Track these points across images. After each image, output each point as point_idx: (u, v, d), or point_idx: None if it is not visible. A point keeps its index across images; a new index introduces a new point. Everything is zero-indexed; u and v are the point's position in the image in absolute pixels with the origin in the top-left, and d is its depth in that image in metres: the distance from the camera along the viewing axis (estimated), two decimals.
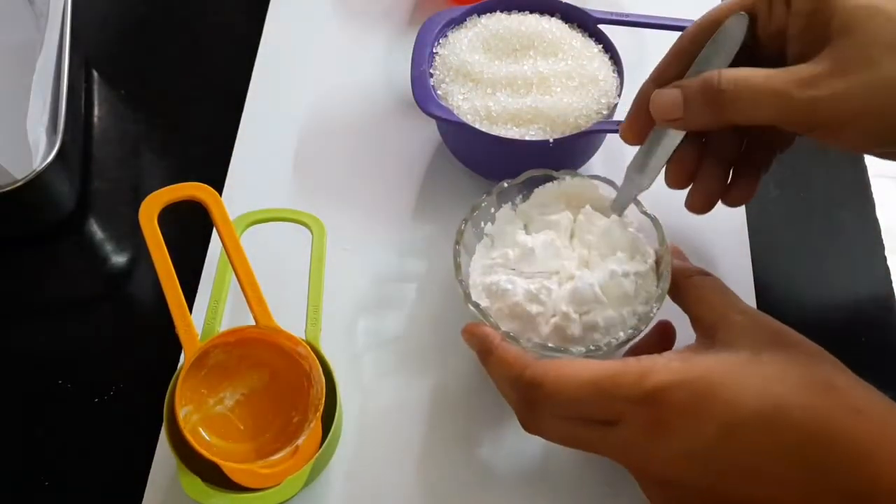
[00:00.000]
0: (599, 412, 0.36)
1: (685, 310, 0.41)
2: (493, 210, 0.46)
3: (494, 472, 0.44)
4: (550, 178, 0.46)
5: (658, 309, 0.42)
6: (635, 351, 0.44)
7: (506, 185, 0.46)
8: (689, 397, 0.34)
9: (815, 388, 0.34)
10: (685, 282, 0.42)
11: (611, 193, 0.46)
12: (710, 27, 0.41)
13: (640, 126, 0.44)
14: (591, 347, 0.41)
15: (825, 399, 0.34)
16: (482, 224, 0.46)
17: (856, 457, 0.33)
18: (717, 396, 0.34)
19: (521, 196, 0.47)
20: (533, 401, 0.37)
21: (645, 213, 0.45)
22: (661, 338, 0.44)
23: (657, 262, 0.44)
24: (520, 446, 0.45)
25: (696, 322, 0.40)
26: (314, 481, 0.43)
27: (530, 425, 0.39)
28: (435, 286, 0.49)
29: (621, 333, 0.42)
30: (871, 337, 0.49)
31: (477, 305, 0.42)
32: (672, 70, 0.43)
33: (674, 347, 0.44)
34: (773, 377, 0.35)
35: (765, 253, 0.51)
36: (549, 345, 0.41)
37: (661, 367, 0.36)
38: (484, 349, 0.40)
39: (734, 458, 0.34)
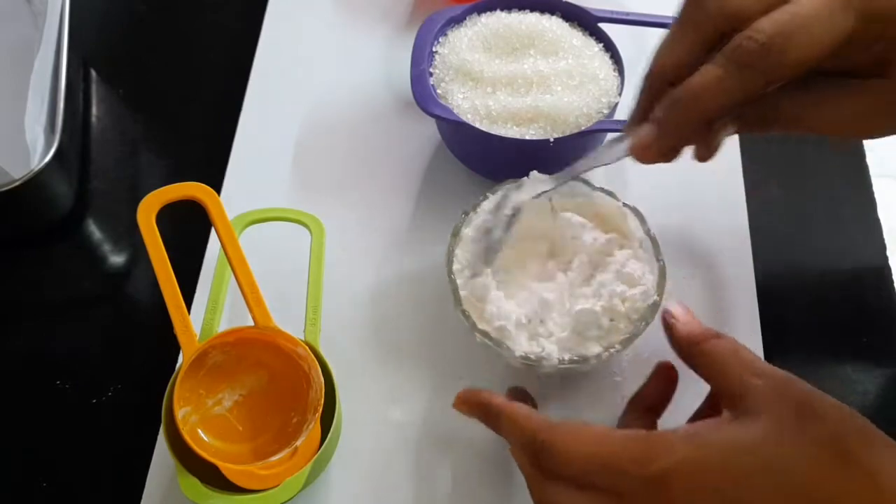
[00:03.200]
0: (607, 486, 0.35)
1: (703, 378, 0.38)
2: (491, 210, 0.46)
3: (495, 471, 0.44)
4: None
5: (647, 326, 0.42)
6: (641, 399, 0.42)
7: (506, 186, 0.46)
8: (698, 486, 0.33)
9: (836, 467, 0.32)
10: (697, 350, 0.38)
11: (609, 203, 0.46)
12: None
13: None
14: (610, 351, 0.41)
15: (846, 477, 0.32)
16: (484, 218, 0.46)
17: None
18: (729, 483, 0.33)
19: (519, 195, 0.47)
20: (543, 467, 0.36)
21: (647, 232, 0.44)
22: (665, 383, 0.42)
23: (641, 246, 0.44)
24: None
25: (718, 391, 0.37)
26: (313, 482, 0.43)
27: (539, 493, 0.37)
28: (435, 286, 0.49)
29: (631, 330, 0.42)
30: (872, 337, 0.49)
31: (487, 334, 0.42)
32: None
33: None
34: (790, 456, 0.33)
35: (766, 253, 0.51)
36: (567, 357, 0.41)
37: (668, 449, 0.34)
38: (489, 416, 0.39)
39: None
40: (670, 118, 0.35)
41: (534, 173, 0.45)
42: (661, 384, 0.42)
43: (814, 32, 0.31)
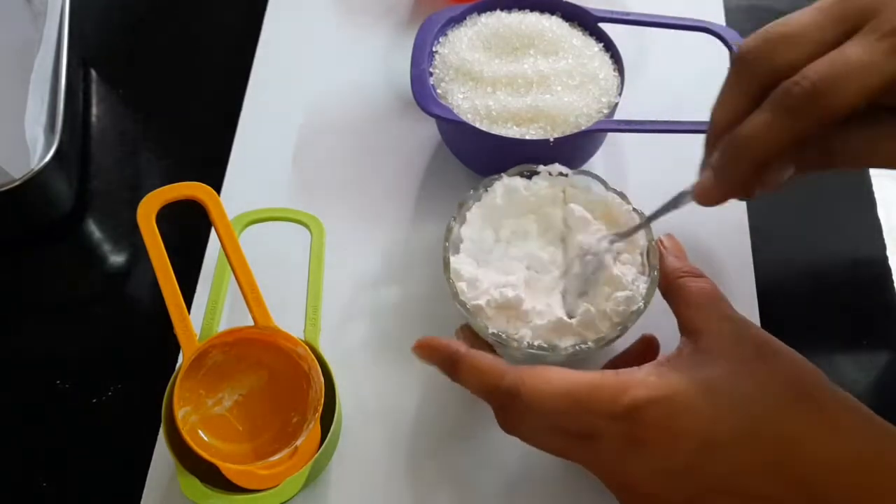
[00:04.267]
0: (576, 425, 0.36)
1: (673, 310, 0.41)
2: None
3: (495, 471, 0.44)
4: (537, 173, 0.47)
5: (625, 331, 0.42)
6: (616, 363, 0.43)
7: (493, 181, 0.46)
8: (666, 415, 0.34)
9: (795, 404, 0.34)
10: (675, 282, 0.41)
11: (600, 189, 0.46)
12: None
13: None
14: (581, 346, 0.41)
15: (804, 415, 0.34)
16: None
17: (833, 473, 0.33)
18: (694, 413, 0.34)
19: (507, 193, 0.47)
20: (511, 409, 0.37)
21: (634, 209, 0.45)
22: (645, 351, 0.43)
23: (643, 254, 0.44)
24: (521, 444, 0.44)
25: (681, 325, 0.40)
26: (313, 482, 0.43)
27: (509, 429, 0.38)
28: (435, 286, 0.49)
29: (607, 331, 0.42)
30: (872, 336, 0.49)
31: (464, 304, 0.43)
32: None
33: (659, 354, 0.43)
34: (753, 392, 0.35)
35: (766, 253, 0.51)
36: (537, 343, 0.42)
37: (638, 383, 0.35)
38: (449, 361, 0.39)
39: (712, 475, 0.34)
40: (724, 164, 0.36)
41: (553, 166, 0.47)
42: (641, 350, 0.43)
43: (859, 77, 0.32)
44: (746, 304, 0.49)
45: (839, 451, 0.33)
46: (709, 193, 0.37)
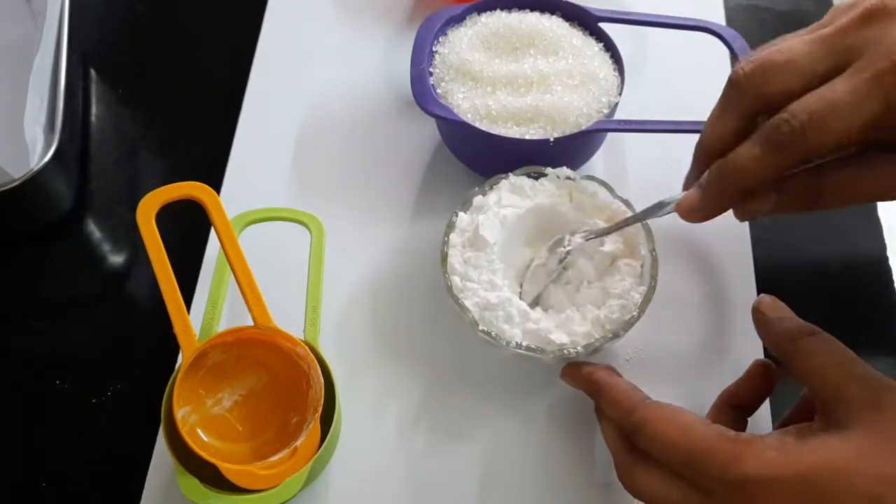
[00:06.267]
0: (689, 477, 0.35)
1: (798, 380, 0.37)
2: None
3: (494, 470, 0.44)
4: (544, 174, 0.47)
5: (640, 315, 0.42)
6: (733, 396, 0.41)
7: (499, 179, 0.47)
8: (778, 498, 0.32)
9: None
10: (793, 348, 0.37)
11: (604, 194, 0.46)
12: None
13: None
14: (569, 351, 0.42)
15: None
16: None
17: None
18: (817, 501, 0.32)
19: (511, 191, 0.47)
20: (633, 443, 0.37)
21: (651, 251, 0.45)
22: (762, 382, 0.41)
23: (643, 265, 0.44)
24: (519, 444, 0.44)
25: (813, 396, 0.36)
26: (313, 482, 0.43)
27: (626, 476, 0.38)
28: (434, 286, 0.49)
29: (598, 338, 0.42)
30: (872, 336, 0.49)
31: (457, 300, 0.43)
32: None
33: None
34: (887, 485, 0.31)
35: (766, 253, 0.51)
36: (525, 344, 0.42)
37: (755, 455, 0.33)
38: (593, 391, 0.42)
39: None
40: (713, 188, 0.38)
41: (561, 170, 0.47)
42: (758, 383, 0.41)
43: (845, 116, 0.33)
44: (746, 305, 0.48)
45: None
46: (693, 211, 0.39)
